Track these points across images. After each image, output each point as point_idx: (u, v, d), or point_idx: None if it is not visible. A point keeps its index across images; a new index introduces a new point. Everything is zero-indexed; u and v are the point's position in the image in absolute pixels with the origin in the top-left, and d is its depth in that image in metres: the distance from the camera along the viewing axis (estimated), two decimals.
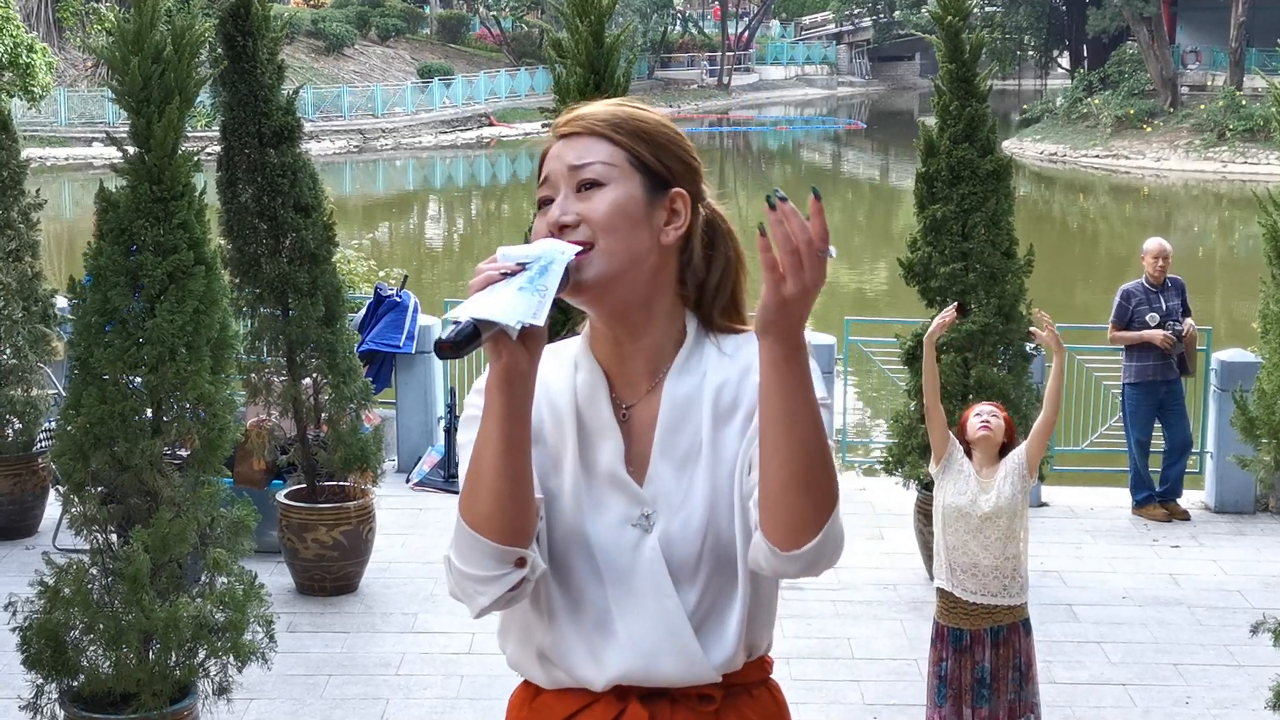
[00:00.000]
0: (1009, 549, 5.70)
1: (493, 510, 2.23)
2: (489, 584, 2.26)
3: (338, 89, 51.21)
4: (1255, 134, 42.35)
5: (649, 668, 2.35)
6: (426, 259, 30.33)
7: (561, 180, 2.33)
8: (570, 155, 2.34)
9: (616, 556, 2.33)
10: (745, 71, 72.58)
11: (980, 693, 5.71)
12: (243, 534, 5.81)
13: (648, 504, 2.34)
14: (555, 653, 2.38)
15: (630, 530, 2.33)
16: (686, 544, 2.33)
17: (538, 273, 2.18)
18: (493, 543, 2.24)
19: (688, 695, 2.38)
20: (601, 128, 2.36)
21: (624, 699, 2.37)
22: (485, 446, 2.22)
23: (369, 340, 10.58)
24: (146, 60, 5.44)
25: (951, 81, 8.53)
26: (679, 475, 2.35)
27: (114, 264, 5.45)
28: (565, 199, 2.32)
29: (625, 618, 2.34)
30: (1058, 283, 23.39)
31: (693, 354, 2.39)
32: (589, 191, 2.32)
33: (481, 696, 6.87)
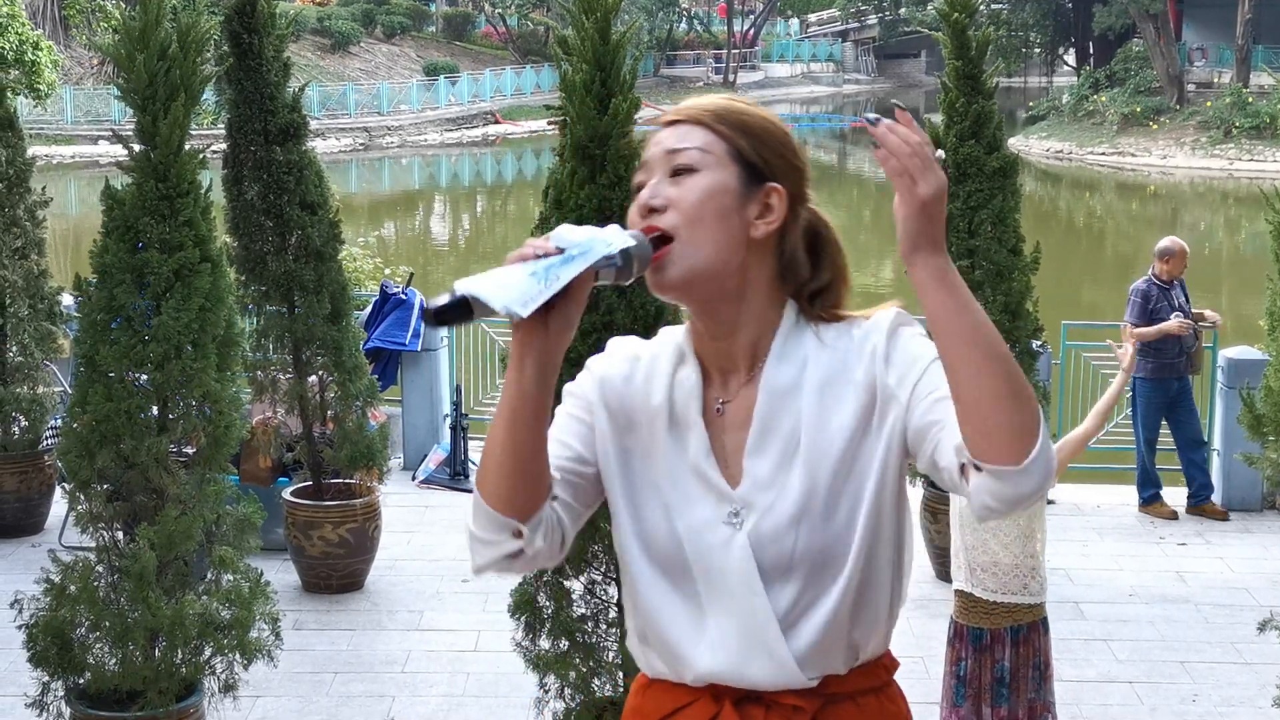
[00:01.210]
0: (1028, 547, 5.68)
1: (494, 479, 2.26)
2: (486, 546, 2.29)
3: (343, 87, 51.23)
4: (1262, 131, 42.31)
5: (738, 668, 2.32)
6: (432, 257, 30.34)
7: (657, 164, 2.32)
8: (669, 140, 2.33)
9: (706, 553, 2.31)
10: (751, 69, 72.57)
11: (1000, 692, 5.69)
12: (249, 531, 5.81)
13: (736, 501, 2.31)
14: (651, 640, 2.39)
15: (721, 527, 2.31)
16: (777, 542, 2.29)
17: (560, 262, 2.16)
18: (491, 509, 2.26)
19: (781, 703, 2.33)
20: (705, 116, 2.35)
21: (719, 700, 2.35)
22: (497, 419, 2.25)
23: (375, 338, 10.57)
24: (152, 57, 5.43)
25: (958, 78, 8.52)
26: (774, 471, 2.31)
27: (120, 261, 5.45)
28: (658, 182, 2.30)
29: (715, 615, 2.32)
30: (1064, 280, 23.36)
31: (789, 341, 2.34)
32: (682, 177, 2.30)
33: (487, 694, 6.87)
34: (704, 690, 2.35)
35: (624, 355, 2.44)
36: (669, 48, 69.80)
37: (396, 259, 21.51)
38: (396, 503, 9.53)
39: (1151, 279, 10.08)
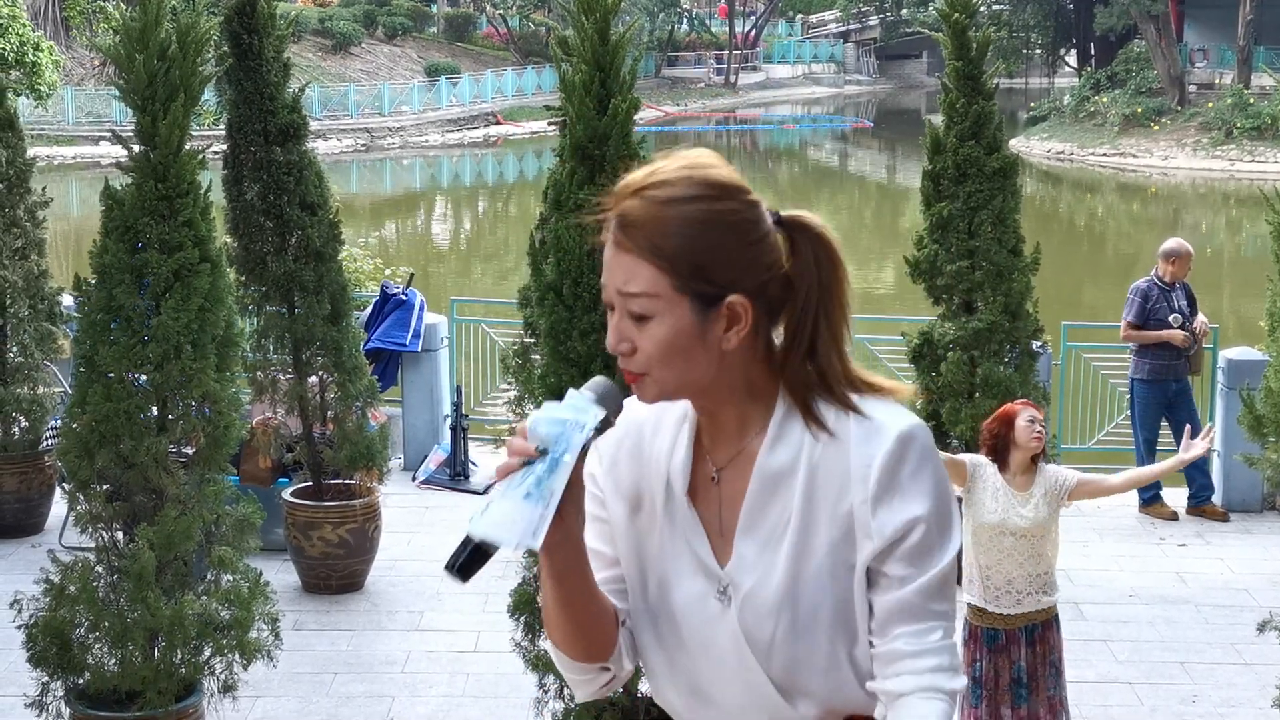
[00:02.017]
0: (1041, 564, 5.71)
1: (564, 638, 2.34)
2: (579, 684, 2.41)
3: (345, 88, 51.24)
4: (1263, 132, 42.29)
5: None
6: (433, 258, 30.33)
7: (615, 301, 2.25)
8: (619, 277, 2.22)
9: (700, 628, 2.32)
10: (752, 70, 72.52)
11: (1019, 692, 5.70)
12: (248, 532, 5.82)
13: (725, 578, 2.31)
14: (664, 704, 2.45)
15: (713, 602, 2.31)
16: (760, 623, 2.29)
17: (547, 471, 2.15)
18: (574, 661, 2.36)
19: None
20: (644, 249, 2.19)
21: None
22: (544, 596, 2.32)
23: (375, 338, 10.57)
24: (151, 58, 5.43)
25: (958, 79, 8.52)
26: (761, 552, 2.30)
27: (119, 262, 5.45)
28: (621, 322, 2.23)
29: (717, 685, 2.34)
30: (1065, 281, 23.36)
31: (783, 427, 2.27)
32: (640, 322, 2.22)
33: (487, 695, 6.87)
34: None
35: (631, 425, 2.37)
36: (670, 49, 69.77)
37: (398, 259, 21.52)
38: (396, 503, 9.53)
39: (1154, 279, 10.07)
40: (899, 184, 44.43)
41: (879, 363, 12.28)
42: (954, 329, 8.38)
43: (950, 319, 8.48)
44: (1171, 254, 10.09)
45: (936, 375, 8.41)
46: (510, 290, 8.09)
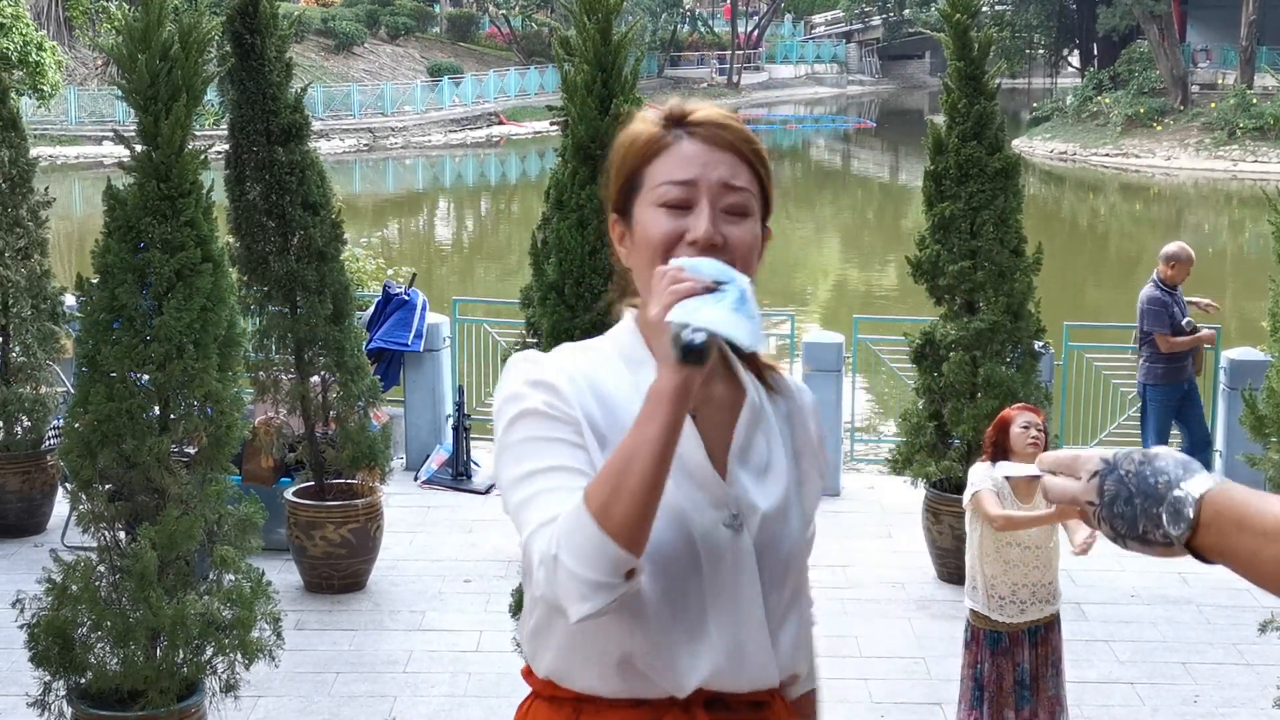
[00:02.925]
0: (1047, 573, 5.71)
1: (632, 518, 2.11)
2: (601, 591, 2.13)
3: (347, 87, 51.27)
4: (1266, 132, 42.28)
5: (733, 673, 2.33)
6: (435, 257, 30.34)
7: (707, 192, 2.26)
8: (723, 170, 2.28)
9: (716, 554, 2.29)
10: (755, 70, 72.55)
11: (1022, 694, 5.70)
12: (250, 531, 5.82)
13: (734, 504, 2.31)
14: (648, 658, 2.30)
15: (723, 529, 2.30)
16: (774, 546, 2.34)
17: (739, 298, 2.12)
18: (621, 549, 2.11)
19: (741, 702, 2.36)
20: (746, 150, 2.32)
21: (690, 710, 2.32)
22: (641, 454, 2.10)
23: (377, 338, 10.58)
24: (154, 58, 5.44)
25: (960, 79, 8.52)
26: (758, 481, 2.35)
27: (121, 261, 5.45)
28: (715, 217, 2.25)
29: (716, 619, 2.31)
30: (1067, 281, 23.36)
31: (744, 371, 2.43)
32: (735, 217, 2.27)
33: (489, 694, 6.87)
34: (671, 703, 2.32)
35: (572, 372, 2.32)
36: (673, 49, 69.79)
37: (400, 259, 21.53)
38: (399, 503, 9.54)
39: (1159, 284, 10.06)
40: (901, 184, 44.43)
41: (881, 363, 12.29)
42: (956, 329, 8.38)
43: (952, 319, 8.48)
44: (1173, 257, 10.10)
45: (938, 375, 8.41)
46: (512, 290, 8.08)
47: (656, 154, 2.31)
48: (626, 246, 2.36)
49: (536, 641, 2.44)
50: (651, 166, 2.31)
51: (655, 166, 2.30)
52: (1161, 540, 1.81)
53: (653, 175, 2.30)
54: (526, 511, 2.21)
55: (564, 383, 2.28)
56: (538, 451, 2.23)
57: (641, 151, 2.32)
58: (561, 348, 2.39)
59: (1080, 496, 1.91)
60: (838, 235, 35.37)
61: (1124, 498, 1.84)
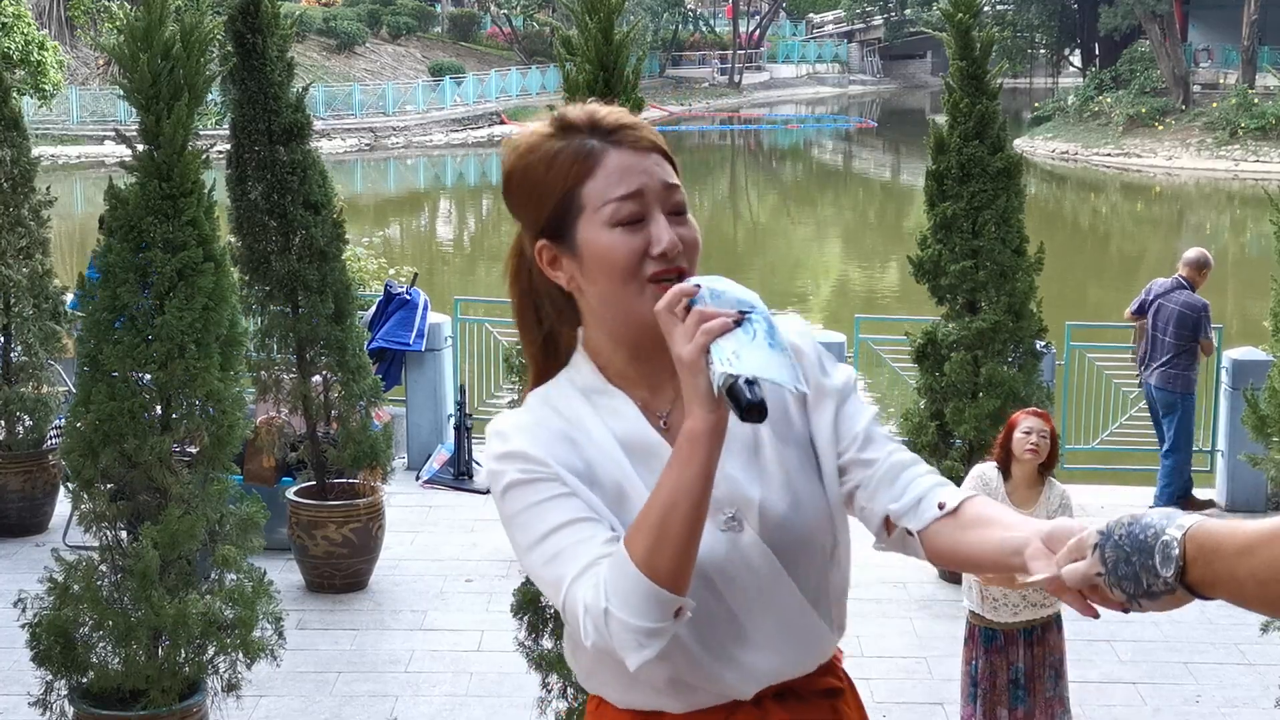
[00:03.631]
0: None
1: (677, 562, 2.12)
2: (655, 636, 2.14)
3: (349, 87, 51.27)
4: (1267, 132, 42.26)
5: (794, 660, 2.34)
6: (437, 257, 30.35)
7: (655, 201, 2.24)
8: (659, 172, 2.26)
9: (722, 565, 2.27)
10: (756, 70, 72.53)
11: (1016, 693, 5.69)
12: (252, 531, 5.82)
13: (728, 505, 2.28)
14: (696, 676, 2.30)
15: (722, 536, 2.28)
16: (784, 529, 2.31)
17: (768, 329, 2.11)
18: (669, 593, 2.12)
19: (814, 691, 2.37)
20: (661, 145, 2.30)
21: (761, 705, 2.33)
22: (682, 499, 2.11)
23: (379, 338, 10.58)
24: (155, 57, 5.44)
25: (962, 79, 8.52)
26: (747, 468, 2.31)
27: (123, 261, 5.45)
28: (666, 223, 2.24)
29: (753, 619, 2.30)
30: (1069, 281, 23.35)
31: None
32: (679, 217, 2.26)
33: (490, 694, 6.87)
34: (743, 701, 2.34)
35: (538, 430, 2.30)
36: (674, 48, 69.78)
37: (402, 259, 21.53)
38: (400, 503, 9.54)
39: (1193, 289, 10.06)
40: (903, 184, 44.41)
41: (883, 362, 12.29)
42: (958, 329, 8.38)
43: (954, 319, 8.48)
44: (1206, 263, 10.11)
45: (940, 375, 8.41)
46: None
47: (588, 171, 2.24)
48: (567, 270, 2.28)
49: (594, 681, 2.42)
50: (586, 185, 2.24)
51: (591, 185, 2.24)
52: (1163, 588, 1.90)
53: (592, 195, 2.23)
54: (555, 568, 2.21)
55: (529, 445, 2.26)
56: (540, 516, 2.23)
57: (567, 170, 2.25)
58: (529, 399, 2.38)
59: (1089, 572, 1.99)
60: (839, 235, 35.36)
61: (1123, 559, 1.95)
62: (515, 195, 2.32)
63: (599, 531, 2.20)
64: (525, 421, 2.31)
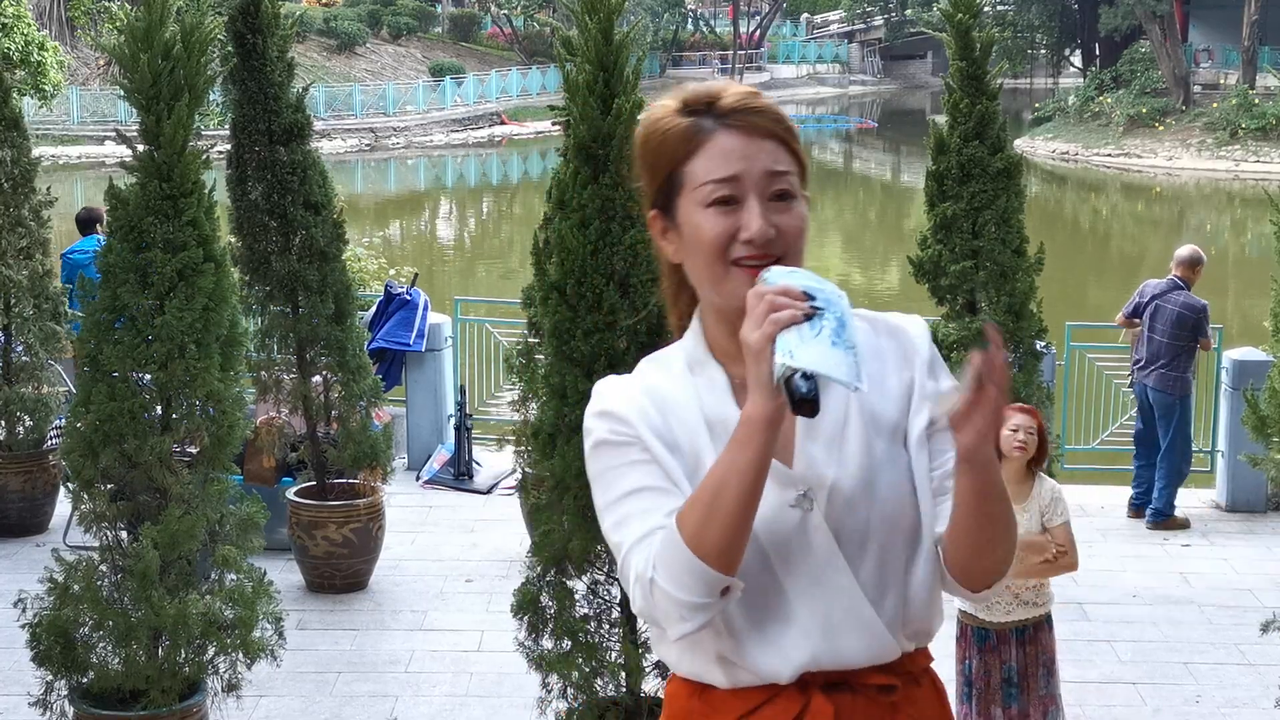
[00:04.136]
0: (1028, 579, 5.69)
1: (725, 542, 2.17)
2: (699, 611, 2.21)
3: (349, 87, 51.27)
4: (1268, 133, 42.27)
5: (835, 649, 2.32)
6: (437, 257, 30.34)
7: (753, 186, 2.26)
8: (765, 158, 2.27)
9: (783, 541, 2.29)
10: (757, 70, 72.51)
11: (1009, 692, 5.69)
12: (252, 531, 5.82)
13: (801, 483, 2.30)
14: (737, 654, 2.33)
15: (790, 512, 2.29)
16: (851, 515, 2.31)
17: (837, 327, 2.14)
18: (717, 572, 2.18)
19: (867, 685, 2.36)
20: (781, 131, 2.31)
21: (805, 691, 2.33)
22: (733, 480, 2.16)
23: (379, 338, 10.59)
24: (156, 58, 5.44)
25: (962, 79, 8.51)
26: (829, 449, 2.32)
27: (123, 261, 5.45)
28: (763, 210, 2.26)
29: (802, 601, 2.31)
30: (1069, 281, 23.35)
31: None
32: (782, 203, 2.27)
33: (491, 694, 6.88)
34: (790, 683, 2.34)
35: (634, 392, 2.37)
36: (675, 49, 69.76)
37: (402, 259, 21.53)
38: (400, 503, 9.54)
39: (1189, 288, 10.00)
40: (903, 184, 44.41)
41: None
42: (958, 329, 8.37)
43: (954, 319, 8.47)
44: (1199, 261, 10.04)
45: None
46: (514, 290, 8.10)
47: (694, 150, 2.29)
48: (673, 243, 2.35)
49: (661, 646, 2.46)
50: (690, 164, 2.29)
51: (695, 164, 2.29)
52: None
53: (693, 173, 2.29)
54: (619, 533, 2.29)
55: (624, 406, 2.34)
56: (617, 480, 2.30)
57: (676, 147, 2.30)
58: (641, 362, 2.44)
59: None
60: (840, 235, 35.35)
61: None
62: (637, 166, 2.40)
63: (666, 503, 2.26)
64: (624, 383, 2.39)
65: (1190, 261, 10.01)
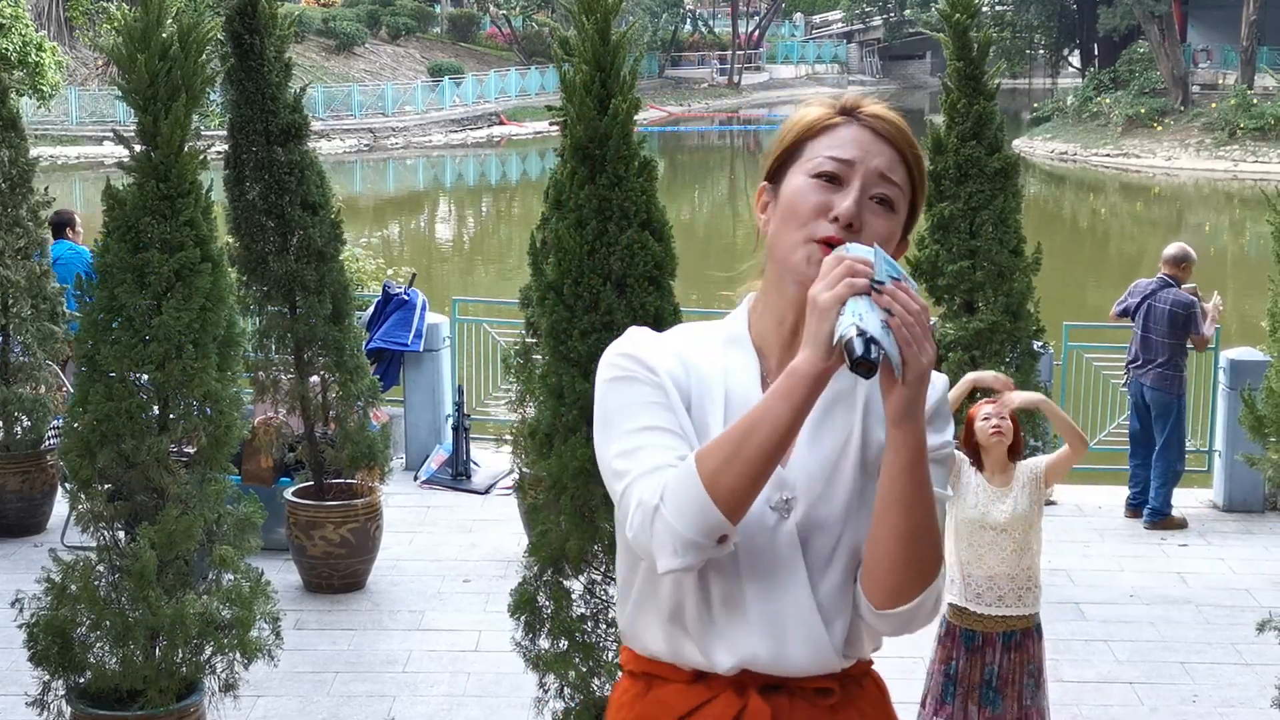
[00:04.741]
0: (1024, 560, 5.68)
1: (739, 488, 2.19)
2: (693, 549, 2.22)
3: (348, 88, 51.26)
4: (1266, 133, 42.29)
5: (779, 655, 2.35)
6: (436, 258, 30.34)
7: (860, 175, 2.32)
8: (881, 160, 2.33)
9: (754, 537, 2.31)
10: (756, 70, 72.50)
11: (987, 694, 5.68)
12: (249, 531, 5.82)
13: (788, 488, 2.33)
14: (693, 614, 2.36)
15: (768, 512, 2.32)
16: (824, 534, 2.34)
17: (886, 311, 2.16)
18: (722, 515, 2.20)
19: (805, 689, 2.38)
20: (907, 150, 2.37)
21: (743, 694, 2.36)
22: (762, 429, 2.18)
23: (377, 338, 10.59)
24: (153, 58, 5.44)
25: (959, 79, 8.52)
26: (825, 465, 2.35)
27: (121, 261, 5.46)
28: (859, 199, 2.30)
29: (757, 601, 2.34)
30: (1068, 281, 23.35)
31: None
32: (879, 207, 2.32)
33: (488, 694, 6.88)
34: (726, 683, 2.37)
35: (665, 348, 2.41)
36: (674, 49, 69.75)
37: (400, 260, 21.53)
38: (398, 503, 9.54)
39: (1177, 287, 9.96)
40: None
41: None
42: (955, 329, 8.38)
43: (952, 319, 8.48)
44: (1187, 259, 10.01)
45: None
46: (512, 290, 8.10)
47: (822, 131, 2.37)
48: (769, 214, 2.40)
49: (622, 599, 2.49)
50: (815, 141, 2.37)
51: (818, 141, 2.37)
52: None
53: (813, 148, 2.36)
54: (627, 461, 2.29)
55: (653, 356, 2.38)
56: (635, 413, 2.33)
57: (809, 127, 2.39)
58: (674, 329, 2.49)
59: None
60: None
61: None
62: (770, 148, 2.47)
63: (678, 447, 2.29)
64: (656, 338, 2.43)
65: (1177, 259, 10.00)
